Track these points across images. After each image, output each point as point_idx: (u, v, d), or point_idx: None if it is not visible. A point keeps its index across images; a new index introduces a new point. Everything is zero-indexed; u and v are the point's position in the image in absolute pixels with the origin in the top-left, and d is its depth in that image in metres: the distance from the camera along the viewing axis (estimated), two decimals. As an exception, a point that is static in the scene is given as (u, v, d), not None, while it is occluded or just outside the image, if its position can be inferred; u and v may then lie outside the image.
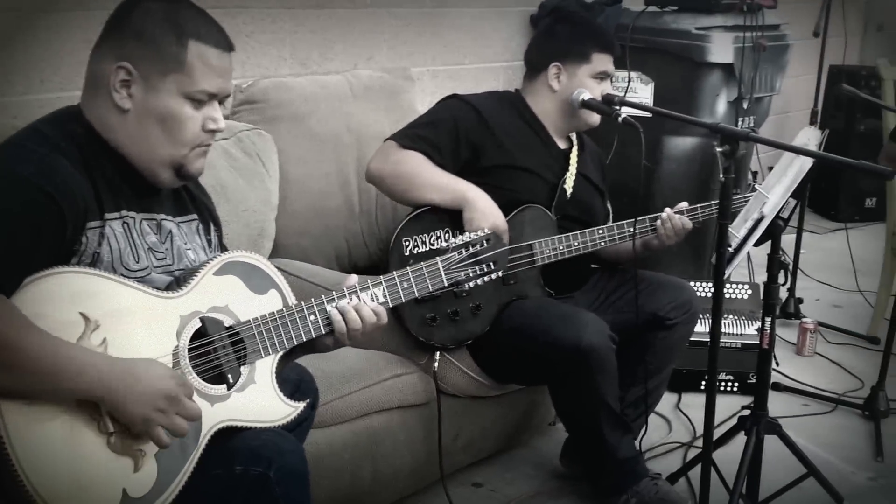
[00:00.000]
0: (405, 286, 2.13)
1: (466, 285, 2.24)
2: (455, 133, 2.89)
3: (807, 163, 2.80)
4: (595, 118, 3.03)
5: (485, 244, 2.23)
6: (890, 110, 3.99)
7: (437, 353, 2.83)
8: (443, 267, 2.18)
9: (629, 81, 4.27)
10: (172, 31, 1.86)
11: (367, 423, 2.71)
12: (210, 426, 1.87)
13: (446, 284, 2.19)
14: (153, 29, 1.86)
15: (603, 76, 3.02)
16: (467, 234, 2.24)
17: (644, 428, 3.08)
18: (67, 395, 1.68)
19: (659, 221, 2.99)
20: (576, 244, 2.93)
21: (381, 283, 2.11)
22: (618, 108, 2.87)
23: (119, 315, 1.78)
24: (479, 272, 2.23)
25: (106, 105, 1.88)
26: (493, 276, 2.25)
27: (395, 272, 2.14)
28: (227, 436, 1.90)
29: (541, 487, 3.13)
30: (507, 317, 2.85)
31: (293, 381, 2.15)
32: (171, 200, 2.04)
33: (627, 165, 3.91)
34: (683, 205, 3.04)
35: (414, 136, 2.88)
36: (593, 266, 3.20)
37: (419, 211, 2.80)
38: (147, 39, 1.85)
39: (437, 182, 2.81)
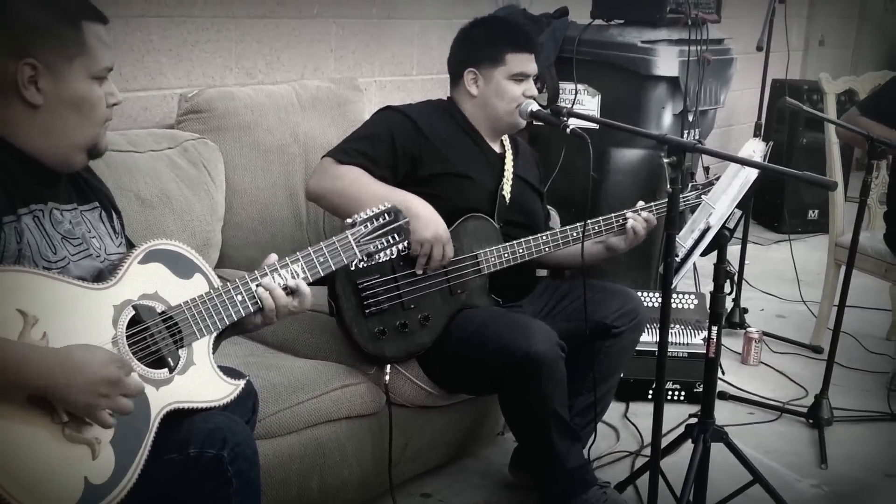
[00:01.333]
0: (321, 260, 2.21)
1: (378, 256, 2.30)
2: (392, 145, 2.88)
3: (752, 174, 2.84)
4: (521, 121, 3.03)
5: (387, 217, 2.30)
6: (832, 123, 4.05)
7: (388, 366, 2.81)
8: (353, 240, 2.25)
9: (576, 94, 4.29)
10: (64, 16, 1.89)
11: (314, 433, 2.68)
12: (159, 409, 1.91)
13: (359, 256, 2.26)
14: (45, 19, 1.88)
15: (521, 77, 3.00)
16: (370, 209, 2.30)
17: (593, 436, 3.08)
18: (14, 389, 1.69)
19: (629, 223, 3.00)
20: (520, 251, 2.93)
21: (298, 259, 2.19)
22: (566, 119, 2.87)
23: (55, 309, 1.81)
24: (386, 243, 2.30)
25: (9, 105, 1.88)
26: (401, 245, 2.32)
27: (310, 248, 2.21)
28: (179, 420, 1.95)
29: (490, 497, 3.12)
30: (455, 327, 2.85)
31: (232, 375, 2.15)
32: (72, 189, 2.05)
33: (575, 176, 3.94)
34: (640, 204, 3.07)
35: (351, 151, 2.86)
36: (539, 275, 3.21)
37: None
38: (44, 30, 1.87)
39: (377, 195, 2.78)
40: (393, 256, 2.34)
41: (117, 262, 2.00)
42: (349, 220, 2.28)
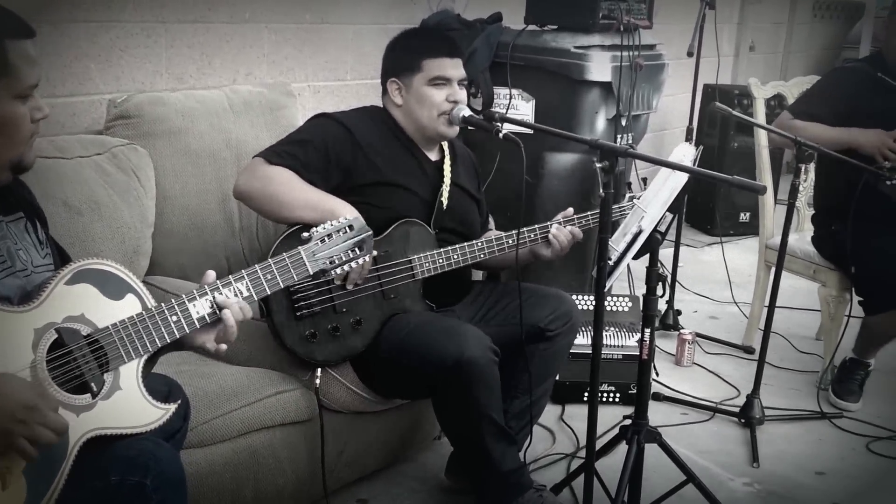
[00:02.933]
0: (269, 278, 2.11)
1: (333, 272, 2.22)
2: (325, 154, 2.86)
3: (682, 178, 2.87)
4: (453, 130, 3.02)
5: (347, 231, 2.22)
6: (760, 127, 4.11)
7: (318, 369, 2.79)
8: (306, 256, 2.16)
9: (511, 99, 4.32)
10: None
11: (248, 441, 2.66)
12: (77, 437, 1.84)
13: (311, 273, 2.17)
14: None
15: (440, 81, 2.98)
16: (329, 222, 2.22)
17: (528, 439, 3.09)
18: None
19: (552, 233, 3.02)
20: (455, 257, 2.94)
21: (243, 276, 2.09)
22: (499, 124, 2.88)
23: (-29, 335, 1.73)
24: (344, 258, 2.21)
25: None
26: (361, 260, 2.24)
27: (257, 265, 2.12)
28: (101, 446, 1.88)
29: (426, 502, 3.12)
30: (388, 331, 2.84)
31: (162, 392, 2.09)
32: None
33: (509, 181, 3.96)
34: (570, 211, 3.09)
35: (283, 153, 2.83)
36: (474, 280, 3.22)
37: (294, 229, 2.76)
38: None
39: (306, 199, 2.77)
40: (349, 271, 2.27)
41: (43, 282, 1.92)
42: (304, 235, 2.20)
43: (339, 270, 2.22)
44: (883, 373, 4.18)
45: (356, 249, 2.23)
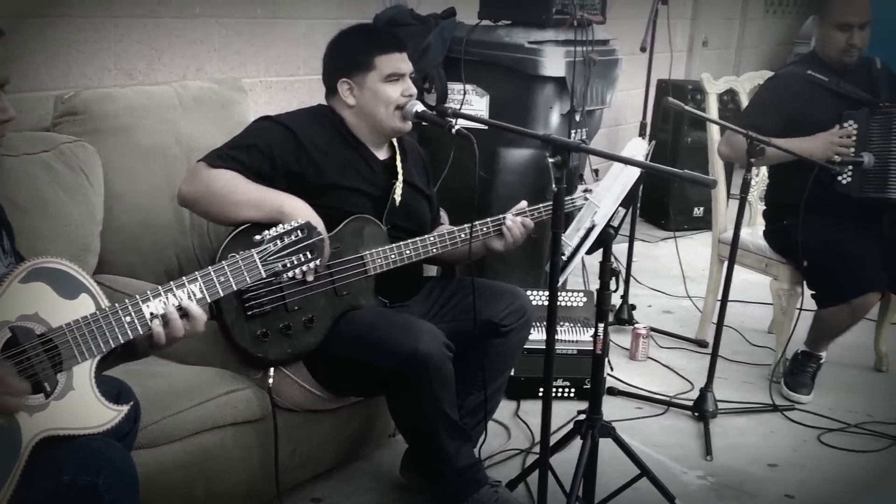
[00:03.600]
0: (222, 280, 2.10)
1: (286, 275, 2.20)
2: (271, 158, 2.82)
3: (634, 173, 2.88)
4: (407, 125, 3.01)
5: (300, 234, 2.21)
6: (713, 122, 4.14)
7: (272, 368, 2.77)
8: (259, 259, 2.15)
9: (465, 94, 4.31)
10: None
11: (199, 441, 2.63)
12: (31, 437, 1.83)
13: (265, 276, 2.16)
14: None
15: (394, 77, 2.96)
16: (281, 225, 2.20)
17: (484, 435, 3.09)
18: None
19: (507, 224, 3.01)
20: (408, 252, 2.93)
21: (196, 279, 2.07)
22: (452, 119, 2.87)
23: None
24: (296, 262, 2.20)
25: None
26: (313, 264, 2.23)
27: (210, 267, 2.10)
28: (53, 446, 1.86)
29: (381, 500, 3.11)
30: (341, 328, 2.82)
31: (112, 395, 2.07)
32: None
33: (464, 176, 3.95)
34: (523, 204, 3.09)
35: (225, 157, 2.80)
36: (427, 276, 3.21)
37: (242, 228, 2.73)
38: None
39: (252, 198, 2.74)
40: (301, 276, 2.25)
41: None
42: (257, 237, 2.18)
43: (290, 274, 2.21)
44: (834, 365, 4.23)
45: (308, 253, 2.21)
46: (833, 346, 4.08)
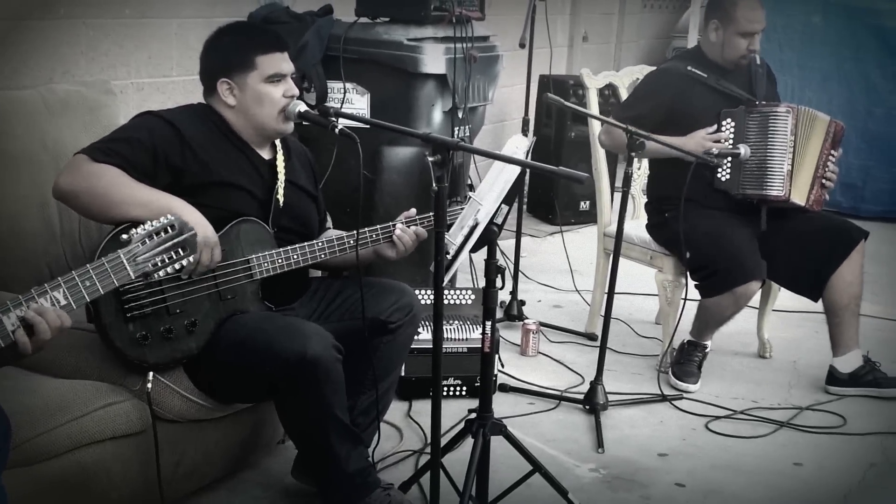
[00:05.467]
0: (88, 285, 2.01)
1: (156, 275, 2.13)
2: (153, 153, 2.73)
3: (515, 170, 2.88)
4: (289, 126, 2.95)
5: (169, 230, 2.12)
6: (593, 118, 4.17)
7: (150, 374, 2.67)
8: (126, 259, 2.06)
9: (345, 93, 4.25)
10: None
11: (77, 457, 2.53)
12: None
13: (133, 277, 2.07)
14: None
15: (276, 77, 2.90)
16: (149, 223, 2.11)
17: (377, 437, 3.05)
18: None
19: (396, 234, 2.99)
20: (295, 257, 2.87)
21: (59, 284, 1.98)
22: (334, 119, 2.81)
23: None
24: (167, 260, 2.11)
25: None
26: (185, 261, 2.15)
27: (73, 271, 2.01)
28: None
29: (271, 508, 3.04)
30: (225, 332, 2.74)
31: None
32: None
33: (348, 176, 3.89)
34: (412, 211, 3.06)
35: (108, 151, 2.69)
36: (313, 275, 3.15)
37: (120, 228, 2.63)
38: None
39: (138, 197, 2.65)
40: (173, 273, 2.17)
41: None
42: (124, 237, 2.08)
43: (162, 273, 2.12)
44: (719, 354, 4.30)
45: (180, 250, 2.13)
46: (717, 335, 4.15)
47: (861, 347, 4.05)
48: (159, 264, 2.10)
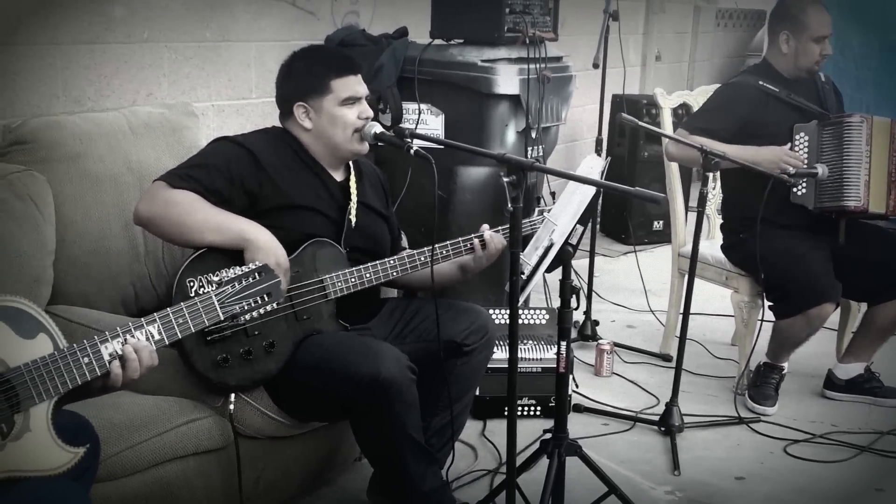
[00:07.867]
0: (181, 322, 2.11)
1: (243, 318, 2.23)
2: (229, 178, 2.78)
3: (590, 190, 2.87)
4: (364, 147, 2.98)
5: (257, 276, 2.23)
6: (667, 137, 4.14)
7: (232, 395, 2.72)
8: (217, 301, 2.16)
9: (420, 114, 4.29)
10: None
11: (160, 472, 2.58)
12: None
13: (222, 318, 2.18)
14: None
15: (351, 100, 2.94)
16: (237, 267, 2.23)
17: (451, 457, 3.05)
18: None
19: (486, 236, 3.00)
20: (367, 276, 2.89)
21: (155, 320, 2.07)
22: (409, 140, 2.84)
23: None
24: (253, 304, 2.22)
25: None
26: (269, 307, 2.25)
27: (168, 308, 2.10)
28: (7, 487, 1.84)
29: (348, 527, 3.07)
30: (302, 353, 2.77)
31: (70, 430, 2.03)
32: None
33: (422, 196, 3.93)
34: (485, 227, 3.06)
35: (185, 177, 2.75)
36: (387, 296, 3.18)
37: (199, 253, 2.69)
38: None
39: (213, 222, 2.70)
40: (258, 316, 2.28)
41: None
42: (216, 279, 2.19)
43: (247, 317, 2.24)
44: (797, 376, 4.23)
45: (265, 296, 2.24)
46: (795, 356, 4.08)
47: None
48: (246, 307, 2.20)
